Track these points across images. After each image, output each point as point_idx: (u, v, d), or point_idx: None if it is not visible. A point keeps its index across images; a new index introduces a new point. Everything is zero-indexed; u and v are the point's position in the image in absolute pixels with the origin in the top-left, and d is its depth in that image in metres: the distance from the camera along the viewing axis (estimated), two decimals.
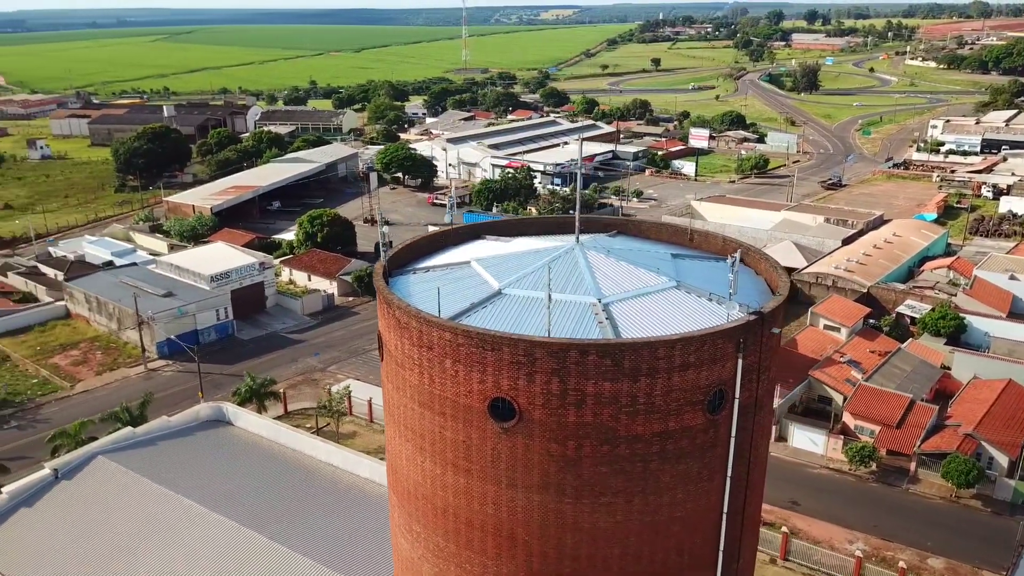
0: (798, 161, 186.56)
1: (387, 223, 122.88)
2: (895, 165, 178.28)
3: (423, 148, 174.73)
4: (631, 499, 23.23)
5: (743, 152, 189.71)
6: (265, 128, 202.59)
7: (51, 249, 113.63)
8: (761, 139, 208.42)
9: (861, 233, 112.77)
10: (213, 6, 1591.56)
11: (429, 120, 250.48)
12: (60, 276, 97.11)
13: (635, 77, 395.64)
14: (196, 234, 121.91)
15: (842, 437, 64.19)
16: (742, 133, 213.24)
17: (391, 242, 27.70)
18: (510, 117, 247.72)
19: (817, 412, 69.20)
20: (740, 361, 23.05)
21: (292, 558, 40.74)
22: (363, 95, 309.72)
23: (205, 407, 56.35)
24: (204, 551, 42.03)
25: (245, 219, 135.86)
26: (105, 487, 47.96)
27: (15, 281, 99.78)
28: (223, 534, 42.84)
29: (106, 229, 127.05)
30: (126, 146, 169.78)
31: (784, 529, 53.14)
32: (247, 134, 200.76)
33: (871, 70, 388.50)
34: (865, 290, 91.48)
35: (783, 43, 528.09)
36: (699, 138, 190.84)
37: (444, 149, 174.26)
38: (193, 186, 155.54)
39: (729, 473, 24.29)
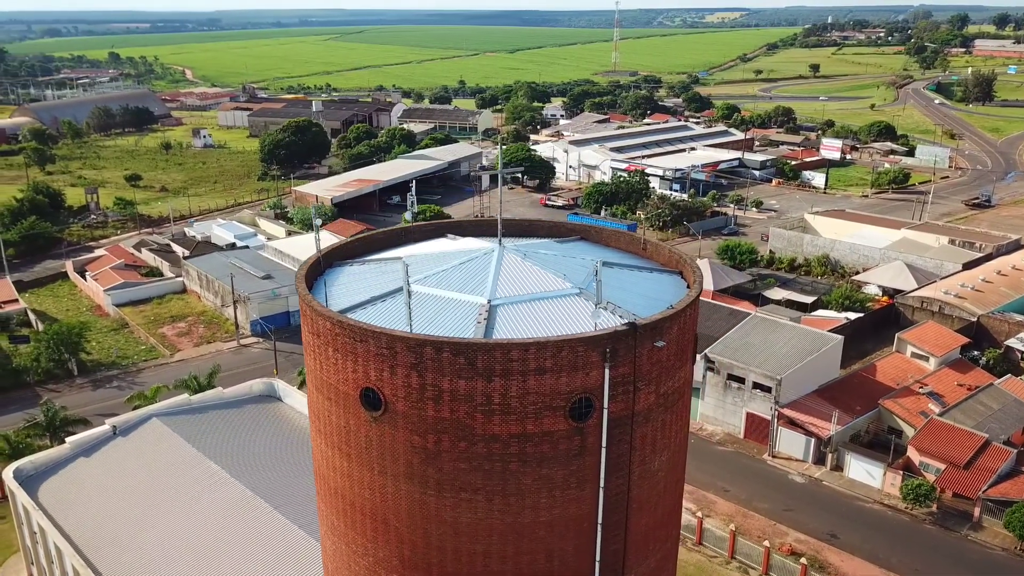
0: (947, 177, 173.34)
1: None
2: None
3: (544, 149, 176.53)
4: (491, 498, 23.58)
5: (886, 165, 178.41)
6: (400, 125, 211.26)
7: (186, 230, 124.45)
8: (911, 152, 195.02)
9: (989, 257, 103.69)
10: (388, 7, 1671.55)
11: (563, 122, 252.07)
12: (184, 254, 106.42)
13: (789, 83, 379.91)
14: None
15: (902, 472, 59.93)
16: (889, 145, 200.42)
17: (318, 237, 29.18)
18: (646, 120, 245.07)
19: (884, 445, 64.86)
20: (607, 371, 22.88)
21: (289, 529, 43.31)
22: (506, 96, 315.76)
23: (259, 382, 60.43)
24: (215, 515, 45.44)
25: (365, 211, 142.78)
26: (153, 446, 52.70)
27: (147, 256, 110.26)
28: (235, 501, 46.10)
29: (237, 214, 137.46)
30: (271, 138, 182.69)
31: (803, 561, 50.51)
32: (383, 130, 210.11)
33: None
34: (974, 319, 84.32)
35: (963, 49, 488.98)
36: (831, 149, 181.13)
37: (565, 151, 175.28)
38: (327, 177, 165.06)
39: (601, 484, 24.11)
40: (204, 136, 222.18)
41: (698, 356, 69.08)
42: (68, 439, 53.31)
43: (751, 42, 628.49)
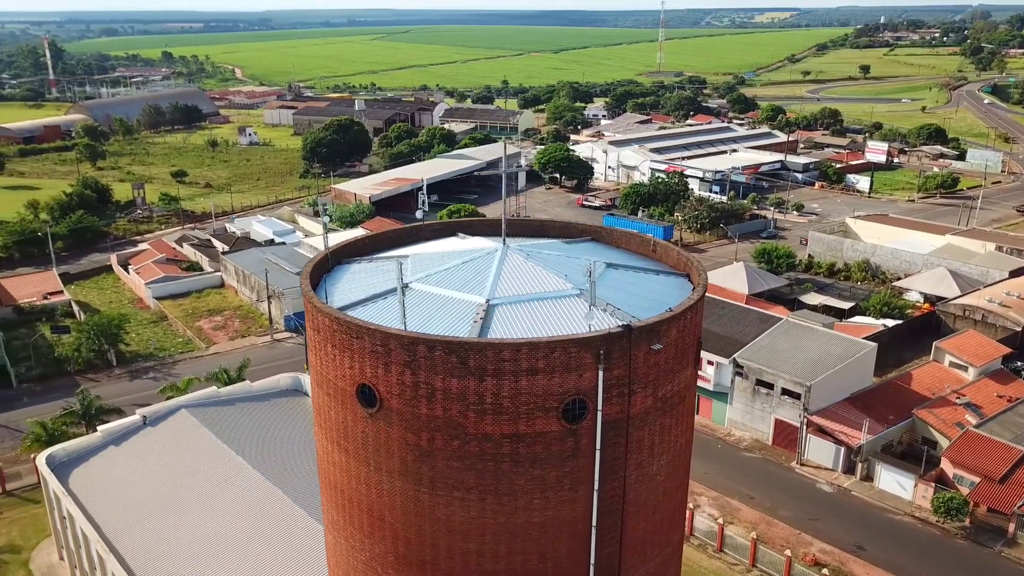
0: (998, 182, 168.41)
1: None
2: None
3: (583, 149, 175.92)
4: (484, 497, 23.60)
5: (935, 168, 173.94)
6: (441, 125, 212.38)
7: (227, 225, 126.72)
8: (961, 156, 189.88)
9: None
10: (435, 7, 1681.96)
11: (604, 122, 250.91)
12: (224, 249, 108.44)
13: (838, 85, 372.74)
14: (353, 220, 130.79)
15: (934, 485, 58.37)
16: (939, 148, 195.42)
17: (327, 231, 29.57)
18: (688, 121, 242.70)
19: (917, 456, 63.20)
20: (601, 373, 22.71)
21: (307, 523, 43.87)
22: (548, 96, 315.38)
23: (285, 377, 61.35)
24: (236, 506, 46.22)
25: (403, 210, 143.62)
26: (180, 437, 53.81)
27: (188, 251, 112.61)
28: (257, 493, 46.83)
29: (277, 211, 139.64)
30: (313, 136, 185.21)
31: (825, 572, 49.50)
32: (423, 129, 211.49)
33: None
34: (1019, 328, 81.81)
35: (1022, 51, 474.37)
36: (876, 152, 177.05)
37: (604, 151, 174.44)
38: (367, 176, 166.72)
39: (596, 487, 23.94)
40: (249, 134, 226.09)
41: (726, 361, 68.24)
42: (100, 428, 54.73)
43: (800, 43, 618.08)
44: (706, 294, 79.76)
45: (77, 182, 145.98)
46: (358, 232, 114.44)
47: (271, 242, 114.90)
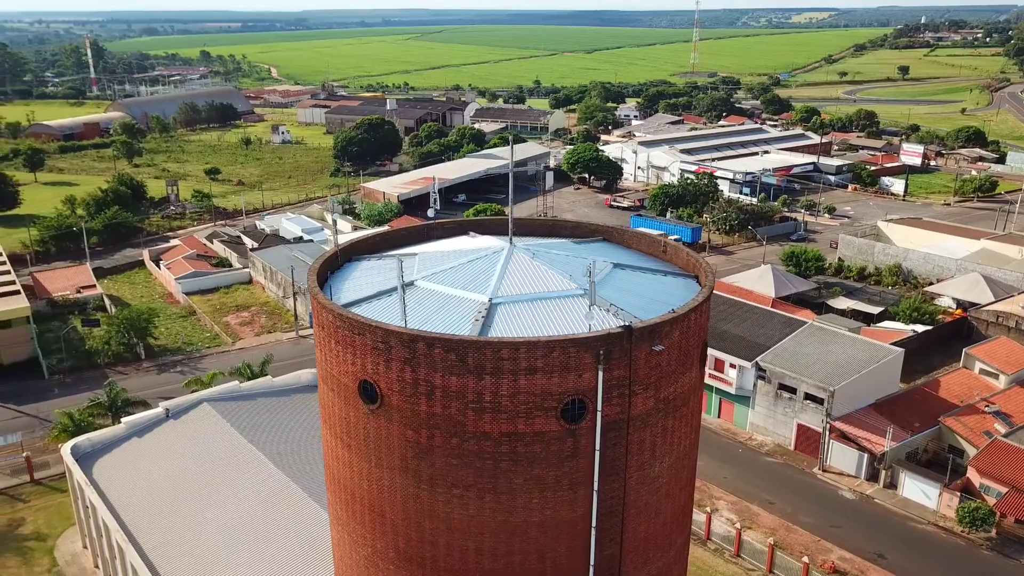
0: None
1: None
2: None
3: (613, 150, 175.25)
4: (483, 495, 23.61)
5: (972, 172, 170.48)
6: (471, 125, 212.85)
7: (257, 222, 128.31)
8: (1001, 159, 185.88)
9: None
10: (469, 7, 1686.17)
11: (635, 122, 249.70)
12: (253, 246, 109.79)
13: (875, 86, 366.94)
14: (381, 219, 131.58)
15: (960, 494, 57.22)
16: (977, 151, 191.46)
17: (336, 231, 29.78)
18: (721, 123, 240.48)
19: (943, 464, 61.98)
20: (601, 373, 22.60)
21: (321, 517, 44.25)
22: (580, 96, 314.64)
23: (307, 373, 61.89)
24: (252, 499, 46.78)
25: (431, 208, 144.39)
26: (202, 429, 54.58)
27: (218, 248, 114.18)
28: (273, 486, 47.35)
29: (306, 209, 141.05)
30: (344, 135, 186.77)
31: None
32: (453, 129, 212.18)
33: None
34: None
35: None
36: (912, 154, 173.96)
37: (634, 152, 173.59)
38: (397, 175, 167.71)
39: (595, 487, 23.83)
40: (282, 132, 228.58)
41: (749, 364, 67.52)
42: (124, 420, 55.72)
43: (838, 43, 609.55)
44: (732, 296, 78.30)
45: (113, 179, 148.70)
46: (382, 230, 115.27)
47: (300, 239, 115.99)
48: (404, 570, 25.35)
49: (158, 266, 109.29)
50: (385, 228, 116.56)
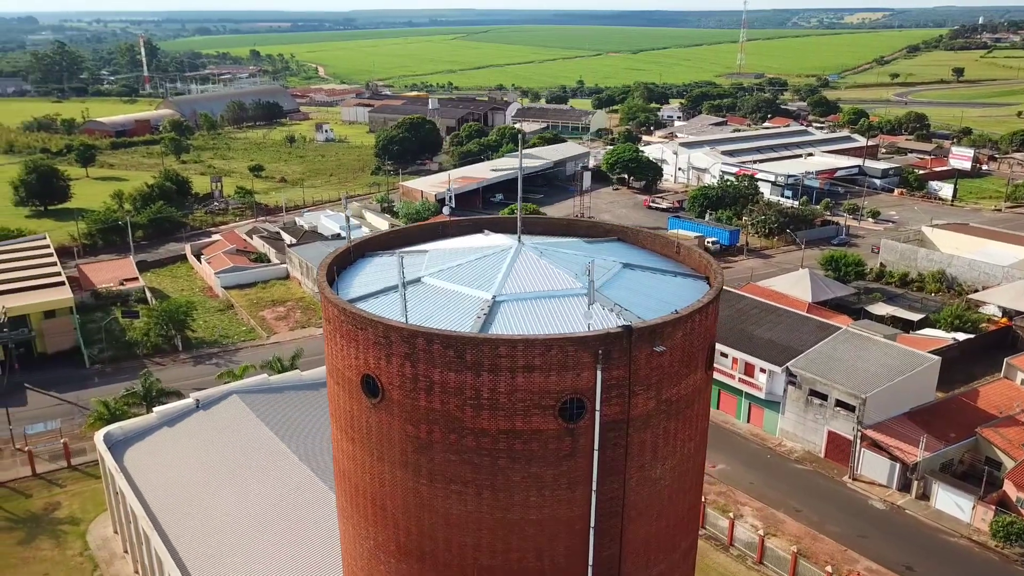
0: None
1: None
2: None
3: (653, 151, 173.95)
4: (480, 492, 23.69)
5: None
6: (512, 124, 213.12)
7: (296, 219, 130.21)
8: None
9: None
10: (517, 7, 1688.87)
11: (678, 123, 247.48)
12: (290, 242, 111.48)
13: (928, 88, 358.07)
14: (419, 217, 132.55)
15: (995, 507, 55.61)
16: None
17: (349, 227, 30.19)
18: (765, 124, 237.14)
19: (979, 476, 60.29)
20: (599, 373, 22.51)
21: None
22: (623, 96, 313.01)
23: None
24: (275, 491, 47.51)
25: (469, 208, 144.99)
26: (229, 420, 55.60)
27: (257, 243, 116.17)
28: (296, 480, 48.04)
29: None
30: (385, 134, 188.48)
31: None
32: (493, 128, 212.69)
33: None
34: None
35: None
36: (961, 158, 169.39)
37: (675, 153, 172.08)
38: (436, 174, 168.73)
39: (594, 488, 23.73)
40: (326, 131, 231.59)
41: (779, 369, 66.50)
42: (155, 409, 57.02)
43: (891, 44, 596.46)
44: (764, 300, 76.85)
45: (159, 175, 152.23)
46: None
47: (337, 236, 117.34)
48: (404, 563, 25.57)
49: (199, 260, 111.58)
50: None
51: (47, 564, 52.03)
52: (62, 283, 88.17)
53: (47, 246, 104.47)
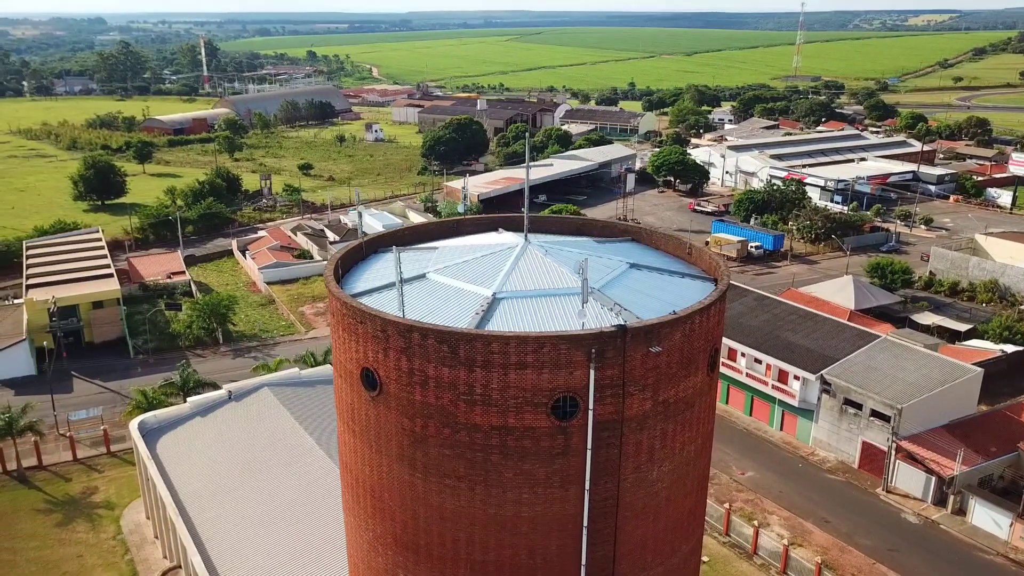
0: None
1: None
2: None
3: (701, 153, 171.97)
4: (473, 487, 23.82)
5: None
6: (558, 126, 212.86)
7: (340, 217, 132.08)
8: None
9: None
10: (571, 8, 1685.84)
11: (728, 126, 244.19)
12: (333, 239, 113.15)
13: (993, 92, 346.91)
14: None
15: None
16: None
17: (361, 223, 30.61)
18: (819, 128, 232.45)
19: (1020, 493, 58.20)
20: (592, 372, 22.43)
21: None
22: (674, 99, 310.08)
23: None
24: (300, 483, 48.36)
25: (512, 208, 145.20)
26: (259, 412, 56.75)
27: (301, 240, 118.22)
28: (320, 472, 48.81)
29: (389, 205, 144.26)
30: (433, 134, 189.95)
31: None
32: (540, 130, 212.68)
33: None
34: None
35: None
36: (1022, 164, 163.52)
37: (722, 156, 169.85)
38: (481, 174, 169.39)
39: (587, 487, 23.65)
40: (375, 131, 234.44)
41: (813, 377, 65.20)
42: (189, 399, 58.48)
43: (956, 46, 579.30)
44: (802, 306, 75.74)
45: (211, 171, 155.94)
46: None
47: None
48: (401, 555, 25.83)
49: (244, 255, 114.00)
50: None
51: (81, 546, 53.75)
52: (111, 275, 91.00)
53: (99, 239, 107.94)
